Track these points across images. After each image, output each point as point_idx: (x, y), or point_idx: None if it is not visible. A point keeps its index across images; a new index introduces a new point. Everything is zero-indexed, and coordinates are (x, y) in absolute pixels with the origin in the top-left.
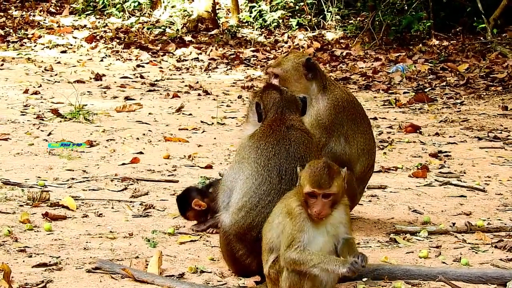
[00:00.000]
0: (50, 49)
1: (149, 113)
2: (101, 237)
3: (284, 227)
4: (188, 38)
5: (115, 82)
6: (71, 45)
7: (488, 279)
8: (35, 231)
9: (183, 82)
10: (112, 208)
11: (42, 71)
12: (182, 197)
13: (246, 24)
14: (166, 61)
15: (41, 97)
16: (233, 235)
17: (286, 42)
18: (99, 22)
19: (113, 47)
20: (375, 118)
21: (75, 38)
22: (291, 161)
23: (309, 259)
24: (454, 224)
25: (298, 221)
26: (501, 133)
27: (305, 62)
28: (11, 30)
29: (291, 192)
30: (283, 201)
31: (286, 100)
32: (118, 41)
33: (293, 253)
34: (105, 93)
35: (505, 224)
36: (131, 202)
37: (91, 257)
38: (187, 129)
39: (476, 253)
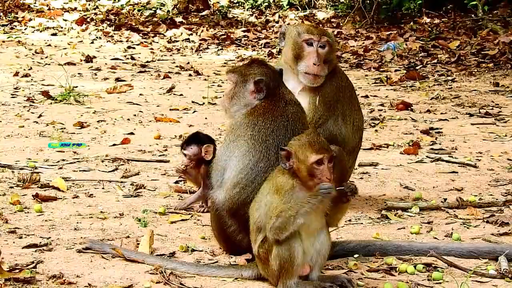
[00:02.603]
0: (41, 32)
1: (140, 94)
2: (91, 217)
3: (271, 203)
4: (179, 19)
5: (105, 63)
6: (62, 27)
7: (480, 253)
8: (25, 213)
9: (174, 63)
10: (103, 188)
11: (33, 54)
12: (202, 135)
13: (237, 4)
14: (157, 42)
15: (32, 79)
16: (226, 211)
17: (277, 22)
18: (89, 5)
19: (103, 29)
20: (366, 96)
21: (65, 20)
22: (289, 138)
23: (288, 216)
24: (445, 199)
25: (286, 195)
26: (492, 109)
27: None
28: (1, 14)
29: (275, 171)
30: (270, 180)
31: (276, 73)
32: (108, 23)
33: (275, 222)
34: (95, 74)
35: (497, 199)
36: (121, 182)
37: (81, 238)
38: (178, 110)
39: (467, 228)
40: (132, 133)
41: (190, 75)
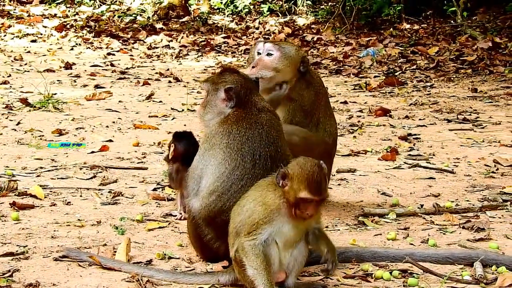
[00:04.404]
0: (20, 38)
1: (119, 101)
2: (69, 225)
3: (253, 213)
4: (159, 25)
5: (85, 70)
6: (41, 34)
7: (456, 259)
8: (2, 221)
9: (153, 69)
10: (81, 196)
11: (12, 60)
12: (186, 136)
13: (217, 10)
14: (137, 48)
15: (10, 86)
16: (202, 219)
17: (257, 28)
18: (69, 11)
19: (83, 36)
20: (345, 102)
21: (45, 27)
22: (264, 146)
23: (252, 259)
24: (422, 206)
25: (271, 214)
26: (470, 115)
27: (304, 58)
28: None
29: (267, 180)
30: (259, 188)
31: (248, 81)
32: (88, 29)
33: (247, 241)
34: (75, 81)
35: (473, 205)
36: (99, 190)
37: (58, 246)
38: (157, 116)
39: (444, 234)
40: (110, 140)
41: (169, 81)
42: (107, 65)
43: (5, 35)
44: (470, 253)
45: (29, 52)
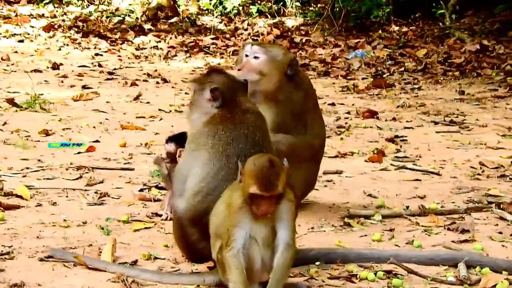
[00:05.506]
0: (7, 38)
1: (107, 102)
2: (54, 225)
3: (224, 218)
4: (147, 26)
5: (72, 71)
6: (29, 34)
7: (440, 260)
8: None
9: (141, 70)
10: (67, 196)
11: None
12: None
13: (206, 11)
14: (125, 49)
15: None
16: (187, 220)
17: (246, 30)
18: (57, 11)
19: (71, 36)
20: (333, 104)
21: (32, 27)
22: (250, 146)
23: (231, 271)
24: (407, 207)
25: (236, 216)
26: (457, 117)
27: (292, 62)
28: None
29: (237, 181)
30: (229, 188)
31: (235, 82)
32: (76, 29)
33: (227, 252)
34: (62, 82)
35: (458, 207)
36: (85, 190)
37: (44, 246)
38: (144, 117)
39: (429, 235)
40: (97, 141)
41: (157, 82)
42: (95, 65)
43: None
44: (455, 254)
45: (16, 52)
